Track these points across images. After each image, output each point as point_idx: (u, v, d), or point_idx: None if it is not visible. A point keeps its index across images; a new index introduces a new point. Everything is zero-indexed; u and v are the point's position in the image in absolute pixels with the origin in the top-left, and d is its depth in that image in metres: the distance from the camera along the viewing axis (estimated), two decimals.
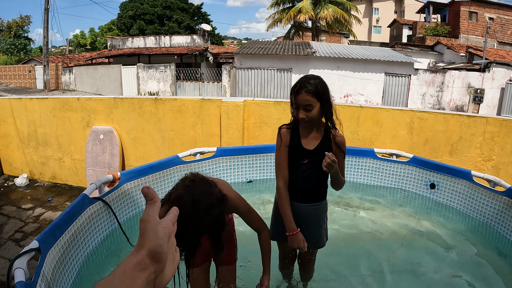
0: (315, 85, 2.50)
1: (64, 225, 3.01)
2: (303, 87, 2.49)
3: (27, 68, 30.38)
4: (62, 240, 2.91)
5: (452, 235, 4.35)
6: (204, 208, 1.96)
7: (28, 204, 6.83)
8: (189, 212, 1.93)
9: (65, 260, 2.94)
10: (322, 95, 2.53)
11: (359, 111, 5.91)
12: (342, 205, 4.93)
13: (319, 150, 2.61)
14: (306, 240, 2.71)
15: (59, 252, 2.83)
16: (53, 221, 2.92)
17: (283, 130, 2.69)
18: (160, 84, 22.77)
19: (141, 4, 53.51)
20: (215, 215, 2.00)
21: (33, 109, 7.45)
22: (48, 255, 2.62)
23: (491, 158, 5.85)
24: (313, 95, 2.49)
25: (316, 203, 2.73)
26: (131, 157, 6.91)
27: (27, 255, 2.39)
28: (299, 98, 2.51)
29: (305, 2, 30.43)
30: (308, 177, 2.66)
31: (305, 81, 2.52)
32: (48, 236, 2.71)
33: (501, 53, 26.09)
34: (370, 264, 3.70)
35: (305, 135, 2.66)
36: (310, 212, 2.73)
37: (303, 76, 2.60)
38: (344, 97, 19.73)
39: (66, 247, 2.98)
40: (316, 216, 2.77)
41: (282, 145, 2.67)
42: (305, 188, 2.68)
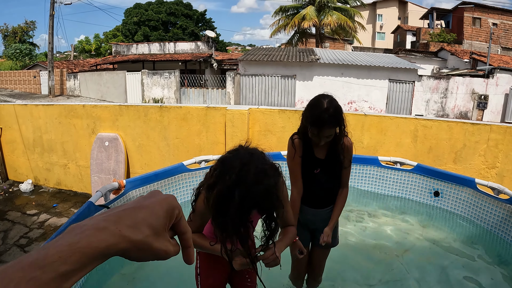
0: (335, 117, 2.47)
1: None
2: (326, 122, 2.45)
3: (32, 74, 30.45)
4: None
5: (456, 242, 4.36)
6: (254, 173, 1.66)
7: (33, 210, 6.86)
8: (236, 177, 1.65)
9: None
10: (341, 122, 2.54)
11: (363, 119, 5.93)
12: (347, 212, 4.94)
13: (329, 158, 2.69)
14: None
15: None
16: (59, 229, 2.95)
17: (297, 141, 2.68)
18: (165, 91, 22.82)
19: (145, 11, 53.75)
20: (267, 185, 1.68)
21: (38, 115, 7.49)
22: None
23: (495, 166, 5.84)
24: (335, 126, 2.51)
25: (330, 206, 2.84)
26: (136, 164, 6.93)
27: None
28: (323, 132, 2.48)
29: (309, 9, 30.50)
30: (323, 186, 2.74)
31: (325, 113, 2.45)
32: None
33: (505, 59, 26.02)
34: (375, 271, 3.72)
35: (316, 144, 2.67)
36: (328, 215, 2.81)
37: (317, 102, 2.51)
38: (348, 104, 19.72)
39: None
40: (329, 218, 2.84)
41: (296, 155, 2.68)
42: (321, 196, 2.78)
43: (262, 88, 20.07)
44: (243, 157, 1.74)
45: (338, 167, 2.71)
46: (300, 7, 32.87)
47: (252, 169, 1.67)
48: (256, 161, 1.73)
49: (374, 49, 39.10)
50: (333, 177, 2.74)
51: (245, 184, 1.63)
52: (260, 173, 1.67)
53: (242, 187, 1.62)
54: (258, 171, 1.67)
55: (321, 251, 2.99)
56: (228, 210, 1.64)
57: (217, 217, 1.73)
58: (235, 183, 1.64)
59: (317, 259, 3.03)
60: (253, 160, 1.73)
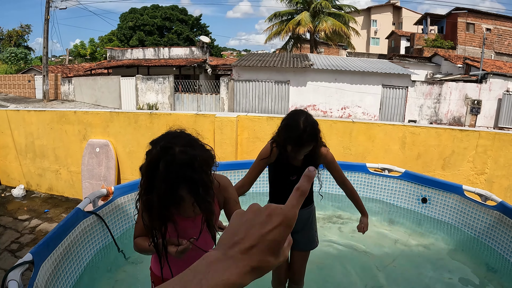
0: (313, 134, 2.52)
1: (58, 238, 3.06)
2: (305, 142, 2.51)
3: (26, 78, 30.38)
4: (55, 253, 2.96)
5: (443, 249, 4.37)
6: (181, 144, 1.64)
7: (25, 215, 6.85)
8: (161, 148, 1.63)
9: (58, 273, 2.98)
10: (319, 134, 2.59)
11: (351, 126, 5.96)
12: (334, 219, 4.96)
13: (305, 166, 2.62)
14: (300, 241, 2.92)
15: (52, 265, 2.88)
16: (47, 234, 2.97)
17: (275, 150, 2.72)
18: (159, 96, 22.83)
19: (141, 15, 53.82)
20: (193, 155, 1.63)
21: (30, 121, 7.49)
22: (41, 268, 2.67)
23: (484, 172, 5.88)
24: (315, 142, 2.56)
25: (307, 207, 2.90)
26: (126, 171, 6.95)
27: (21, 267, 2.44)
28: (302, 150, 2.55)
29: (304, 15, 30.63)
30: None
31: (303, 134, 2.49)
32: (42, 249, 2.76)
33: (498, 64, 26.14)
34: (361, 278, 3.72)
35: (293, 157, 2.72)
36: (302, 216, 2.84)
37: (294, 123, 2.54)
38: (341, 109, 19.79)
39: (60, 260, 3.03)
40: (307, 219, 2.94)
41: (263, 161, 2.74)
42: None
43: (256, 93, 20.13)
44: (169, 133, 1.75)
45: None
46: (294, 12, 33.01)
47: (179, 142, 1.65)
48: (183, 136, 1.73)
49: (369, 54, 39.23)
50: None
51: (171, 154, 1.60)
52: (186, 145, 1.66)
53: (167, 156, 1.59)
54: (184, 143, 1.66)
55: (300, 254, 3.01)
56: (154, 185, 1.61)
57: (144, 194, 1.68)
58: (160, 153, 1.62)
59: (297, 263, 3.04)
60: (181, 135, 1.73)
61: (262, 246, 0.62)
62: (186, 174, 1.59)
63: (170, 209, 1.67)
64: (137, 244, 1.98)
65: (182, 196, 1.63)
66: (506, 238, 4.08)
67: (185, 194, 1.63)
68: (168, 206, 1.65)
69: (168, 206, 1.65)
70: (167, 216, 1.69)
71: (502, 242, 4.12)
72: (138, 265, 3.74)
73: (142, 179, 1.68)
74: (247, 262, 0.61)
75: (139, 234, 1.99)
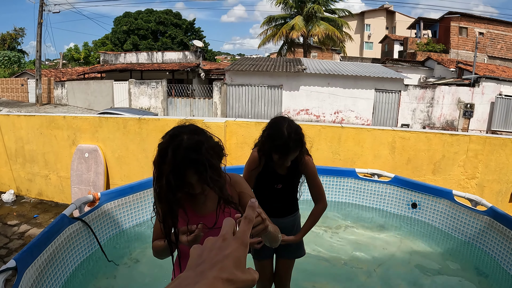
0: (298, 141, 2.51)
1: (42, 244, 3.05)
2: (291, 150, 2.50)
3: (19, 82, 30.29)
4: (40, 260, 2.95)
5: (433, 254, 4.38)
6: (188, 132, 1.70)
7: (14, 221, 6.82)
8: (169, 137, 1.69)
9: (42, 279, 2.97)
10: (303, 140, 2.57)
11: (340, 131, 5.95)
12: (324, 224, 4.94)
13: (290, 174, 2.74)
14: (287, 251, 2.92)
15: (36, 271, 2.87)
16: (31, 241, 2.97)
17: (256, 155, 2.70)
18: (152, 100, 22.79)
19: (135, 20, 53.81)
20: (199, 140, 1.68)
21: (20, 126, 7.47)
22: (25, 275, 2.66)
23: (475, 176, 5.88)
24: (300, 148, 2.56)
25: (290, 215, 2.89)
26: (115, 176, 6.91)
27: (4, 274, 2.46)
28: (290, 156, 2.53)
29: (298, 19, 30.70)
30: (283, 199, 2.81)
31: (288, 141, 2.47)
32: (25, 255, 2.76)
33: (491, 68, 26.30)
34: (350, 284, 3.73)
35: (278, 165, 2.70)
36: (287, 224, 2.85)
37: (278, 132, 2.51)
38: (334, 114, 19.82)
39: (44, 266, 3.02)
40: (293, 227, 2.91)
41: (254, 171, 2.73)
42: (280, 207, 2.82)
43: (249, 98, 20.13)
44: (179, 125, 1.80)
45: (297, 181, 2.81)
46: (288, 17, 33.09)
47: (186, 130, 1.72)
48: (192, 126, 1.79)
49: (362, 58, 39.32)
50: (294, 191, 2.83)
51: (178, 140, 1.66)
52: (193, 132, 1.72)
53: (175, 142, 1.65)
54: (191, 131, 1.72)
55: (286, 261, 2.99)
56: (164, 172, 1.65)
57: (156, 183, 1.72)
58: (169, 141, 1.68)
59: (283, 270, 3.02)
60: (189, 126, 1.78)
61: (226, 262, 0.70)
62: (191, 157, 1.63)
63: (177, 194, 1.69)
64: (155, 246, 1.98)
65: (188, 180, 1.66)
66: (496, 243, 4.09)
67: (192, 178, 1.66)
68: (175, 190, 1.67)
69: (175, 190, 1.67)
70: (175, 201, 1.71)
71: (493, 247, 4.14)
72: (126, 270, 3.74)
73: (154, 170, 1.72)
74: (216, 274, 0.67)
75: (156, 237, 1.99)
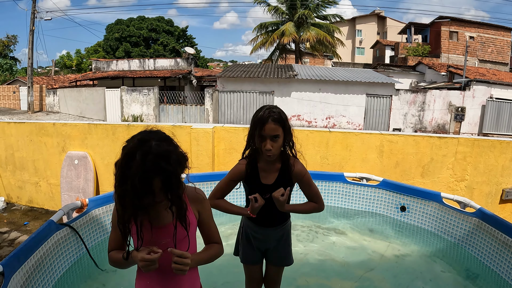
0: (279, 114, 2.49)
1: (29, 250, 3.07)
2: (269, 116, 2.45)
3: (11, 89, 30.32)
4: (27, 265, 2.96)
5: (423, 256, 4.39)
6: (157, 139, 1.68)
7: (4, 228, 6.84)
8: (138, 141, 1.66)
9: (30, 285, 2.98)
10: (286, 124, 2.51)
11: (328, 136, 5.96)
12: (313, 229, 4.94)
13: (278, 183, 2.60)
14: (277, 259, 2.90)
15: (23, 276, 2.89)
16: (19, 246, 2.98)
17: (240, 167, 2.65)
18: (144, 107, 22.79)
19: (127, 27, 53.89)
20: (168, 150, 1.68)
21: (10, 133, 7.49)
22: (12, 280, 2.67)
23: (464, 178, 5.91)
24: (279, 124, 2.46)
25: (281, 225, 2.78)
26: (105, 182, 6.92)
27: None
28: (267, 127, 2.44)
29: (289, 25, 30.82)
30: (271, 209, 2.64)
31: (269, 110, 2.48)
32: (12, 260, 2.76)
33: (481, 71, 26.45)
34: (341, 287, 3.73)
35: (264, 169, 2.64)
36: (277, 234, 2.79)
37: (261, 107, 2.55)
38: (326, 119, 19.87)
39: (32, 272, 3.03)
40: (283, 236, 2.83)
41: (232, 180, 2.70)
42: (271, 217, 2.72)
43: (241, 104, 20.14)
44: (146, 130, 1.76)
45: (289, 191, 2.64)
46: (279, 23, 33.20)
47: (155, 136, 1.69)
48: (160, 132, 1.76)
49: (354, 64, 39.53)
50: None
51: (148, 146, 1.63)
52: (161, 139, 1.70)
53: (144, 147, 1.62)
54: (160, 138, 1.70)
55: (275, 268, 2.97)
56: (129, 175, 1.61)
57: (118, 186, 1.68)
58: (137, 145, 1.64)
59: (272, 275, 3.01)
60: (157, 131, 1.75)
61: None
62: (161, 165, 1.61)
63: (143, 199, 1.64)
64: (112, 257, 1.96)
65: (154, 188, 1.62)
66: (485, 244, 4.13)
67: (157, 187, 1.63)
68: (141, 195, 1.62)
69: (141, 195, 1.62)
70: (140, 206, 1.68)
71: (481, 248, 4.17)
72: (114, 276, 3.73)
73: (116, 173, 1.68)
74: None
75: (113, 247, 1.97)
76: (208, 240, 2.10)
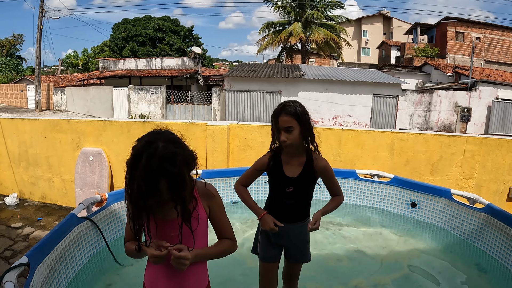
0: (294, 107, 2.57)
1: (52, 242, 3.12)
2: (283, 110, 2.57)
3: (19, 88, 30.32)
4: (50, 257, 3.02)
5: (433, 252, 4.44)
6: (164, 140, 1.72)
7: (18, 223, 6.84)
8: (145, 143, 1.70)
9: (53, 276, 3.04)
10: (301, 117, 2.57)
11: (340, 134, 6.06)
12: (325, 225, 5.01)
13: (302, 177, 2.69)
14: (295, 255, 2.93)
15: (47, 268, 2.94)
16: (42, 239, 3.03)
17: (264, 159, 2.77)
18: (151, 106, 22.88)
19: (133, 26, 53.96)
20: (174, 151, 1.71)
21: (24, 129, 7.52)
22: (37, 271, 2.72)
23: (472, 176, 5.97)
24: (292, 116, 2.54)
25: (301, 221, 2.81)
26: (119, 179, 6.97)
27: (17, 269, 2.50)
28: (280, 119, 2.57)
29: (296, 25, 30.81)
30: (294, 203, 2.75)
31: (285, 104, 2.61)
32: (37, 252, 2.82)
33: (487, 72, 26.39)
34: (352, 283, 3.76)
35: (288, 162, 2.71)
36: (297, 230, 2.81)
37: (282, 101, 2.68)
38: (332, 119, 19.92)
39: (55, 263, 3.09)
40: (301, 233, 2.85)
41: (256, 170, 2.82)
42: (292, 212, 2.78)
43: (248, 104, 20.24)
44: (154, 131, 1.80)
45: (311, 185, 2.77)
46: (286, 23, 33.19)
47: (162, 138, 1.73)
48: (167, 133, 1.80)
49: (360, 64, 39.49)
50: (306, 195, 2.79)
51: (153, 148, 1.67)
52: (168, 141, 1.73)
53: (150, 150, 1.66)
54: (167, 139, 1.74)
55: (295, 265, 3.02)
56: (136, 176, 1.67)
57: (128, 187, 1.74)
58: (144, 147, 1.68)
59: (291, 271, 3.06)
60: (164, 132, 1.79)
61: None
62: (166, 168, 1.65)
63: (148, 200, 1.70)
64: (127, 247, 2.06)
65: (160, 189, 1.67)
66: (494, 239, 4.16)
67: (163, 188, 1.68)
68: (146, 197, 1.67)
69: (146, 197, 1.67)
70: (144, 207, 1.74)
71: (491, 243, 4.21)
72: (131, 270, 3.77)
73: (126, 172, 1.74)
74: None
75: (128, 239, 2.05)
76: (220, 235, 2.14)
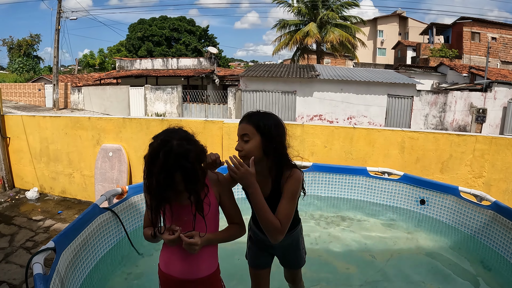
0: (258, 118, 2.32)
1: (76, 230, 3.34)
2: (245, 117, 2.35)
3: (36, 87, 30.81)
4: (74, 244, 3.24)
5: (441, 248, 4.55)
6: (178, 138, 1.94)
7: (39, 216, 7.01)
8: (161, 141, 1.92)
9: (77, 261, 3.25)
10: (264, 129, 2.28)
11: (352, 132, 6.16)
12: (336, 221, 5.16)
13: (274, 196, 2.38)
14: (287, 264, 2.91)
15: (72, 253, 3.16)
16: (67, 226, 3.25)
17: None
18: (167, 106, 23.13)
19: (149, 26, 54.40)
20: (188, 149, 1.93)
21: (45, 126, 7.74)
22: (62, 255, 2.94)
23: (481, 175, 6.02)
24: (252, 126, 2.29)
25: (289, 232, 2.52)
26: (138, 174, 7.16)
27: (44, 253, 2.71)
28: (238, 127, 2.35)
29: (311, 26, 30.84)
30: None
31: (251, 112, 2.39)
32: (63, 238, 3.04)
33: (503, 73, 26.18)
34: (361, 279, 3.84)
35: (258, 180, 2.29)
36: (286, 241, 2.61)
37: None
38: (347, 119, 19.94)
39: (78, 250, 3.31)
40: (292, 242, 2.72)
41: None
42: None
43: (263, 103, 20.31)
44: (169, 129, 2.03)
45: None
46: (301, 23, 33.24)
47: (176, 136, 1.96)
48: (180, 131, 2.03)
49: (375, 64, 39.33)
50: None
51: (169, 146, 1.89)
52: (182, 139, 1.96)
53: (166, 148, 1.89)
54: (180, 137, 1.96)
55: (291, 270, 3.00)
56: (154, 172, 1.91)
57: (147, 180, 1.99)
58: (160, 145, 1.91)
59: (291, 276, 3.05)
60: (178, 131, 2.03)
61: None
62: (181, 163, 1.89)
63: (166, 192, 1.94)
64: (145, 233, 2.31)
65: (176, 181, 1.91)
66: (500, 236, 4.25)
67: (178, 180, 1.92)
68: (165, 189, 1.92)
69: (165, 189, 1.92)
70: (163, 197, 1.99)
71: (497, 240, 4.30)
72: (150, 260, 3.95)
73: (144, 167, 2.00)
74: None
75: (147, 224, 2.29)
76: (230, 221, 2.35)
